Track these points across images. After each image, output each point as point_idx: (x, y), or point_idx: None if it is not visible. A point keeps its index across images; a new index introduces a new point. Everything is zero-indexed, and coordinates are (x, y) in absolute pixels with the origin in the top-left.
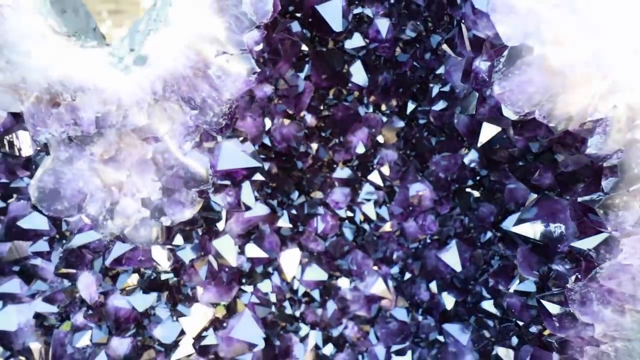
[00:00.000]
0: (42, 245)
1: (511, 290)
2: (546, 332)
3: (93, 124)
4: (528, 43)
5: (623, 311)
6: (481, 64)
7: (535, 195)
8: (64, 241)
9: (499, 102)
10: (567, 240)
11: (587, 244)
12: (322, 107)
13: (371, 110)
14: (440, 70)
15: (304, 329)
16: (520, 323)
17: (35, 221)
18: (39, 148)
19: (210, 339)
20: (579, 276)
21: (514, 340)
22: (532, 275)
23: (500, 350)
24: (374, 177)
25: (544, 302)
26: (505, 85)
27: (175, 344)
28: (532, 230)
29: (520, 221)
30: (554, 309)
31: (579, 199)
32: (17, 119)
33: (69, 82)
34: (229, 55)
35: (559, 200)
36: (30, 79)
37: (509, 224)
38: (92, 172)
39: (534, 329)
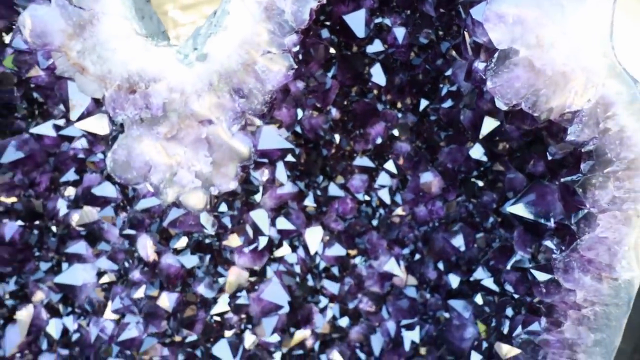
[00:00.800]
0: (109, 211)
1: (508, 267)
2: (536, 300)
3: (160, 108)
4: (515, 46)
5: (601, 279)
6: (479, 65)
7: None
8: (129, 207)
9: (494, 97)
10: (554, 218)
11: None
12: (345, 103)
13: (388, 107)
14: (449, 72)
15: (323, 301)
16: (516, 296)
17: (106, 190)
18: (114, 127)
19: (243, 299)
20: (563, 248)
21: (509, 312)
22: (526, 252)
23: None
24: (389, 166)
25: (534, 272)
26: (496, 81)
27: (214, 301)
28: (524, 209)
29: (516, 204)
30: (541, 277)
31: (562, 180)
32: (97, 103)
33: (144, 73)
34: (272, 54)
35: (549, 184)
36: (114, 71)
37: (507, 207)
38: (157, 147)
39: (527, 299)
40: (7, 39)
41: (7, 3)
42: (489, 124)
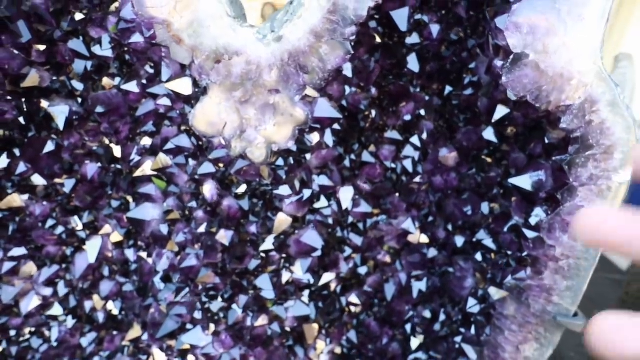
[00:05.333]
0: (181, 159)
1: (505, 230)
2: (524, 254)
3: (239, 77)
4: (526, 51)
5: (576, 238)
6: (498, 63)
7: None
8: (200, 156)
9: (506, 88)
10: (545, 190)
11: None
12: (383, 84)
13: (418, 90)
14: (472, 65)
15: (347, 251)
16: (509, 252)
17: (182, 141)
18: (196, 90)
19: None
20: (549, 212)
21: (503, 265)
22: (521, 217)
23: (491, 290)
24: (414, 140)
25: (524, 230)
26: (509, 76)
27: (262, 240)
28: (524, 182)
29: (518, 177)
30: (530, 234)
31: (554, 159)
32: (182, 69)
33: (229, 48)
34: (335, 41)
35: (544, 163)
36: (205, 43)
37: (510, 180)
38: (232, 108)
39: (517, 254)
40: (113, 7)
41: None
42: (500, 111)
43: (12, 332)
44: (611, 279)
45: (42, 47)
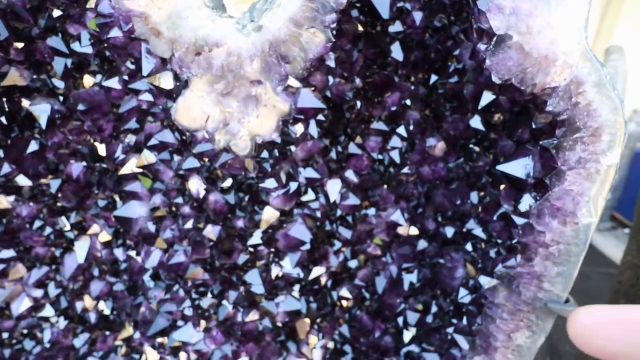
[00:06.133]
0: (165, 155)
1: (494, 218)
2: (514, 241)
3: (219, 69)
4: (509, 32)
5: (565, 223)
6: (481, 46)
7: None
8: (185, 152)
9: (490, 73)
10: (533, 175)
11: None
12: (367, 74)
13: (403, 79)
14: (456, 52)
15: (337, 245)
16: (499, 241)
17: (165, 136)
18: (177, 83)
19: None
20: (538, 198)
21: (493, 254)
22: (510, 205)
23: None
24: (401, 130)
25: (514, 217)
26: (493, 59)
27: (250, 235)
28: (512, 168)
29: (506, 164)
30: (519, 221)
31: (541, 142)
32: (163, 63)
33: (209, 39)
34: (315, 29)
35: (532, 148)
36: (184, 35)
37: (499, 167)
38: (214, 101)
39: (507, 242)
40: (90, 3)
41: None
42: (487, 97)
43: (5, 335)
44: (605, 273)
45: (20, 45)
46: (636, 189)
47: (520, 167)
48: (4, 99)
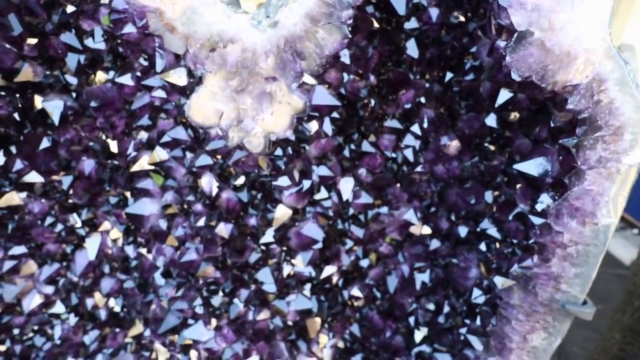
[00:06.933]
0: (178, 152)
1: (510, 218)
2: (530, 241)
3: (234, 65)
4: (531, 29)
5: (584, 223)
6: (500, 43)
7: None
8: (197, 149)
9: (510, 70)
10: (552, 175)
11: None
12: (382, 71)
13: (418, 77)
14: (473, 49)
15: (349, 243)
16: (515, 241)
17: (178, 133)
18: (191, 80)
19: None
20: (556, 197)
21: (508, 255)
22: (526, 204)
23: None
24: (415, 128)
25: (531, 217)
26: (513, 56)
27: (262, 233)
28: (529, 167)
29: (523, 163)
30: (537, 221)
31: (560, 141)
32: (176, 59)
33: (224, 35)
34: (331, 25)
35: (550, 147)
36: (199, 31)
37: (515, 166)
38: (229, 98)
39: (523, 242)
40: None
41: None
42: (504, 95)
43: (16, 331)
44: (615, 274)
45: (33, 41)
46: None
47: (537, 166)
48: (17, 95)
